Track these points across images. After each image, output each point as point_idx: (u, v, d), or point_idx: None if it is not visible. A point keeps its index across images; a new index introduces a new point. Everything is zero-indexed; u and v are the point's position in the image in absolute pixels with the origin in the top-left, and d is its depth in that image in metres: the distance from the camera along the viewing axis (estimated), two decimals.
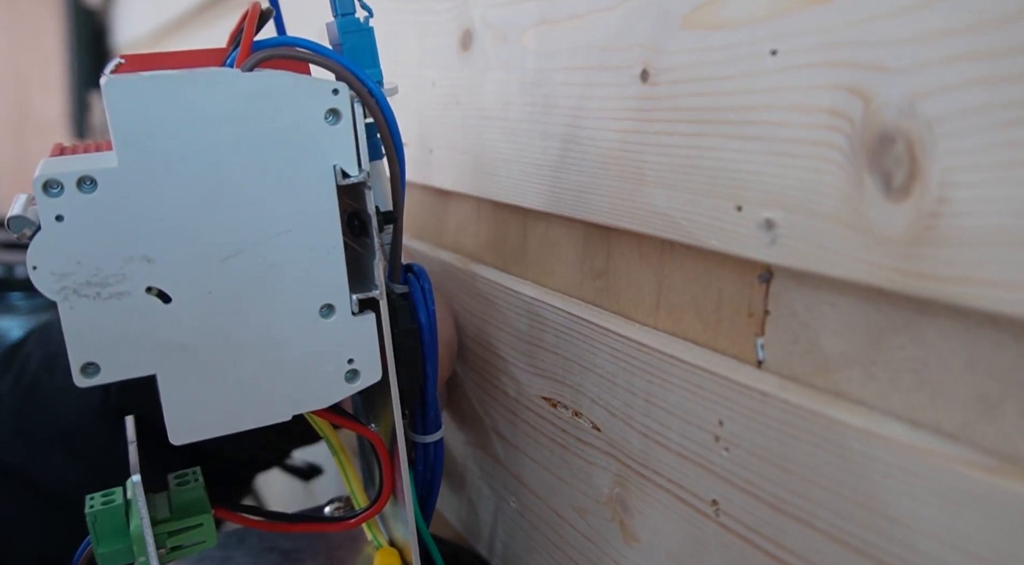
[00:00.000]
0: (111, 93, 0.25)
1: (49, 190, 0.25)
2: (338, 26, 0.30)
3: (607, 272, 0.32)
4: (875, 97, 0.20)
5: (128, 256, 0.26)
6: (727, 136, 0.24)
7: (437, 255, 0.44)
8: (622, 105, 0.29)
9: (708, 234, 0.25)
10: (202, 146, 0.26)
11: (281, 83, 0.27)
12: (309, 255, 0.28)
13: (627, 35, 0.28)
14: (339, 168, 0.28)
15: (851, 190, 0.20)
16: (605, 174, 0.30)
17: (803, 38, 0.22)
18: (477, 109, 0.39)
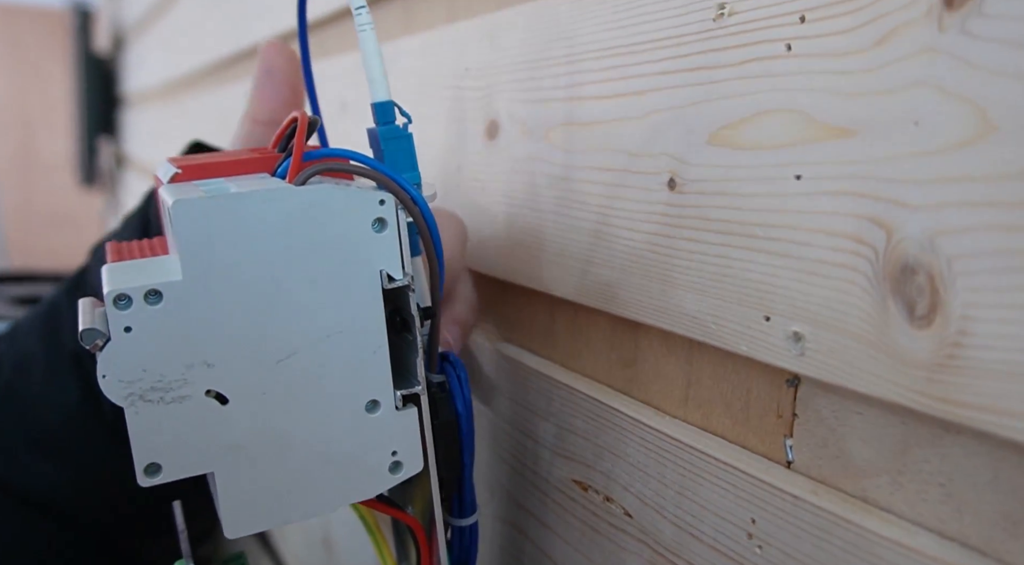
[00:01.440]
0: (179, 214, 0.27)
1: (119, 303, 0.27)
2: (380, 134, 0.32)
3: (635, 362, 0.33)
4: (897, 230, 0.21)
5: (189, 362, 0.28)
6: (754, 249, 0.26)
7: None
8: (650, 209, 0.31)
9: (738, 340, 0.27)
10: (259, 258, 0.28)
11: (332, 196, 0.29)
12: (356, 355, 0.30)
13: (654, 144, 0.30)
14: (385, 273, 0.30)
15: (876, 313, 0.22)
16: (633, 272, 0.32)
17: (827, 167, 0.23)
18: (504, 196, 0.40)
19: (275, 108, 0.38)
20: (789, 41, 0.25)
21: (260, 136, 0.38)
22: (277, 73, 0.38)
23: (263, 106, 0.38)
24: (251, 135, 0.38)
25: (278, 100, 0.38)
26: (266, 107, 0.38)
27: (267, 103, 0.38)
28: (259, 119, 0.38)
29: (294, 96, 0.38)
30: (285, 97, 0.38)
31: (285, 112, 0.37)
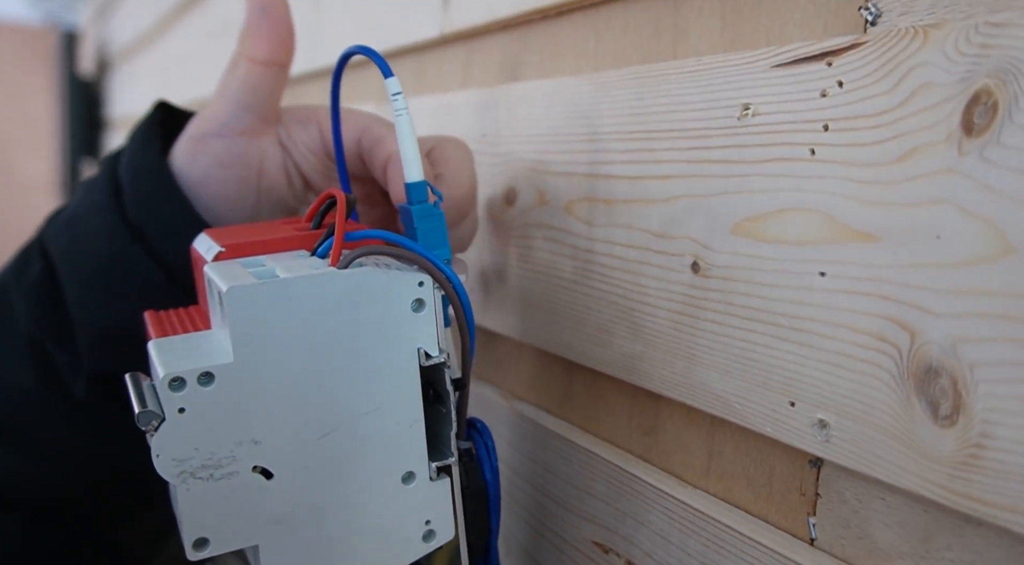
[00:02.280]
0: (233, 300, 0.28)
1: (173, 385, 0.28)
2: (414, 213, 0.34)
3: (656, 431, 0.35)
4: (920, 333, 0.23)
5: (238, 440, 0.29)
6: (779, 337, 0.28)
7: (477, 388, 0.47)
8: (673, 288, 0.32)
9: (763, 422, 0.28)
10: (306, 338, 0.29)
11: (374, 279, 0.30)
12: (394, 429, 0.31)
13: (678, 227, 0.32)
14: (422, 351, 0.31)
15: (901, 409, 0.24)
16: (657, 347, 0.33)
17: (851, 267, 0.25)
18: (521, 261, 0.42)
19: (272, 48, 0.36)
20: (813, 146, 0.26)
21: (259, 77, 0.37)
22: (272, 10, 0.36)
23: (260, 45, 0.36)
24: (250, 75, 0.37)
25: (275, 39, 0.37)
26: (263, 46, 0.36)
27: (264, 42, 0.36)
28: (257, 58, 0.36)
29: (289, 34, 0.37)
30: (282, 36, 0.37)
31: (283, 52, 0.37)
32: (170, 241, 0.36)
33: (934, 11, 0.24)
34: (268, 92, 0.37)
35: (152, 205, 0.37)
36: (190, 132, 0.38)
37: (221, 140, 0.37)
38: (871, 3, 0.26)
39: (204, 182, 0.37)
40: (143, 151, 0.38)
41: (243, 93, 0.37)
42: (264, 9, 0.36)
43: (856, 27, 0.26)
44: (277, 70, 0.37)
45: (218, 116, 0.37)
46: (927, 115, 0.23)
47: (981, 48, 0.22)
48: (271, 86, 0.37)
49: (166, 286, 0.36)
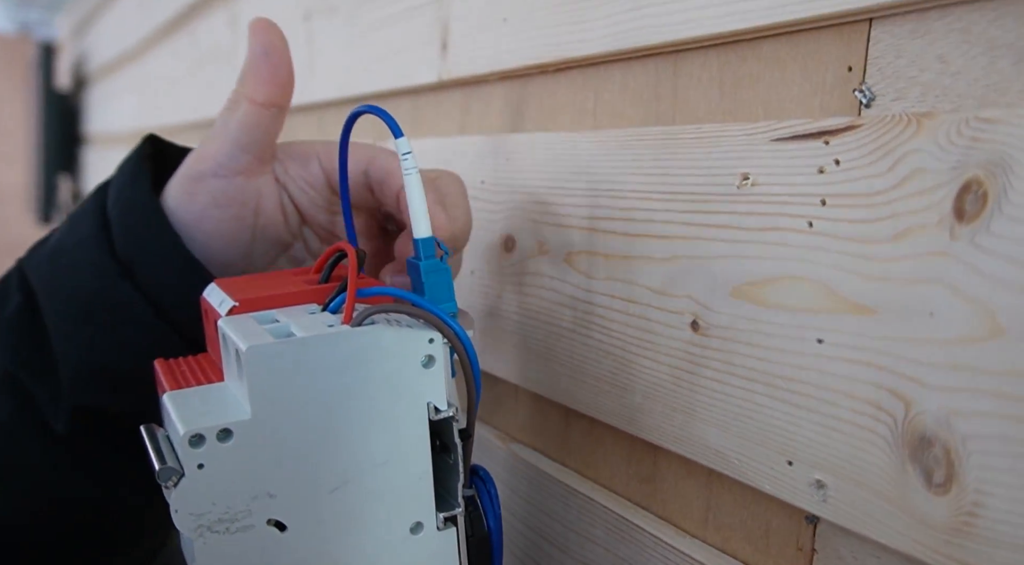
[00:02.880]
0: (252, 358, 0.29)
1: (193, 441, 0.29)
2: (422, 268, 0.35)
3: (654, 479, 0.36)
4: (914, 404, 0.24)
5: (254, 494, 0.30)
6: (777, 398, 0.29)
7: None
8: (673, 345, 0.33)
9: (761, 479, 0.29)
10: (320, 394, 0.30)
11: (387, 337, 0.31)
12: (403, 481, 0.32)
13: (678, 286, 0.33)
14: (432, 405, 0.32)
15: (896, 475, 0.25)
16: (656, 399, 0.34)
17: (847, 337, 0.26)
18: (520, 307, 0.43)
19: (273, 90, 0.37)
20: (811, 219, 0.28)
21: (258, 117, 0.37)
22: (274, 53, 0.36)
23: (261, 87, 0.37)
24: (249, 116, 0.37)
25: (276, 82, 0.37)
26: (264, 89, 0.37)
27: (265, 85, 0.37)
28: (257, 100, 0.37)
29: (289, 77, 0.37)
30: (282, 79, 0.37)
31: (283, 94, 0.37)
32: (159, 277, 0.36)
33: (925, 99, 0.25)
34: (266, 133, 0.37)
35: (142, 241, 0.36)
36: (185, 171, 0.38)
37: (218, 180, 0.37)
38: (865, 86, 0.27)
39: (200, 221, 0.38)
40: (132, 186, 0.38)
41: (242, 133, 0.37)
42: (267, 52, 0.36)
43: (850, 107, 0.28)
44: (276, 111, 0.37)
45: (215, 156, 0.37)
46: (920, 199, 0.24)
47: (972, 141, 0.23)
48: (269, 127, 0.37)
49: (154, 321, 0.36)
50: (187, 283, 0.36)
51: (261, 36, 0.37)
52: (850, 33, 0.28)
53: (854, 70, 0.28)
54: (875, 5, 0.26)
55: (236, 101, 0.37)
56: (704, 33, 0.32)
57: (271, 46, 0.36)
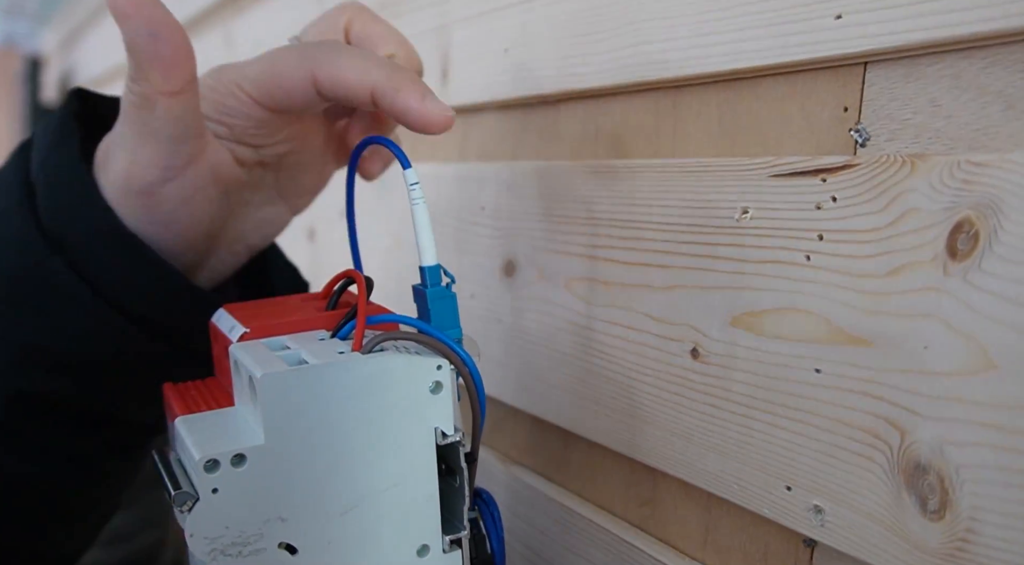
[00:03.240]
0: (266, 386, 0.29)
1: (207, 466, 0.29)
2: (428, 295, 0.35)
3: (653, 502, 0.37)
4: (909, 433, 0.25)
5: (266, 518, 0.30)
6: (776, 425, 0.30)
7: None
8: (673, 371, 0.34)
9: (760, 503, 0.30)
10: (331, 420, 0.31)
11: (396, 364, 0.32)
12: (411, 505, 0.33)
13: (677, 314, 0.34)
14: (439, 430, 0.33)
15: (892, 501, 0.26)
16: (656, 425, 0.35)
17: (845, 368, 0.28)
18: (520, 331, 0.44)
19: (183, 72, 0.31)
20: (808, 253, 0.29)
21: (181, 107, 0.32)
22: (163, 30, 0.30)
23: (171, 75, 0.31)
24: (171, 110, 0.32)
25: (182, 62, 0.31)
26: (175, 75, 0.31)
27: (174, 69, 0.31)
28: (174, 90, 0.31)
29: (190, 48, 0.32)
30: (185, 53, 0.31)
31: (191, 69, 0.31)
32: (94, 252, 0.33)
33: (918, 141, 0.27)
34: (194, 114, 0.33)
35: (72, 214, 0.33)
36: (127, 186, 0.33)
37: (172, 183, 0.34)
38: (860, 126, 0.28)
39: (170, 223, 0.35)
40: (59, 150, 0.34)
41: (172, 129, 0.32)
42: (154, 33, 0.30)
43: (846, 145, 0.29)
44: (194, 89, 0.33)
45: (156, 162, 0.33)
46: (914, 236, 0.26)
47: (963, 183, 0.24)
48: (194, 107, 0.33)
49: (91, 301, 0.33)
50: (126, 261, 0.33)
51: (136, 16, 0.30)
52: (846, 75, 0.29)
53: (850, 110, 0.29)
54: (869, 50, 0.27)
55: (147, 99, 0.31)
56: (703, 71, 0.33)
57: (155, 23, 0.30)
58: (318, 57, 0.33)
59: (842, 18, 0.28)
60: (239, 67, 0.34)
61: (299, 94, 0.33)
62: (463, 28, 0.49)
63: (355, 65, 0.33)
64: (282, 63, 0.33)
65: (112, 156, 0.34)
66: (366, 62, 0.33)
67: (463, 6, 0.49)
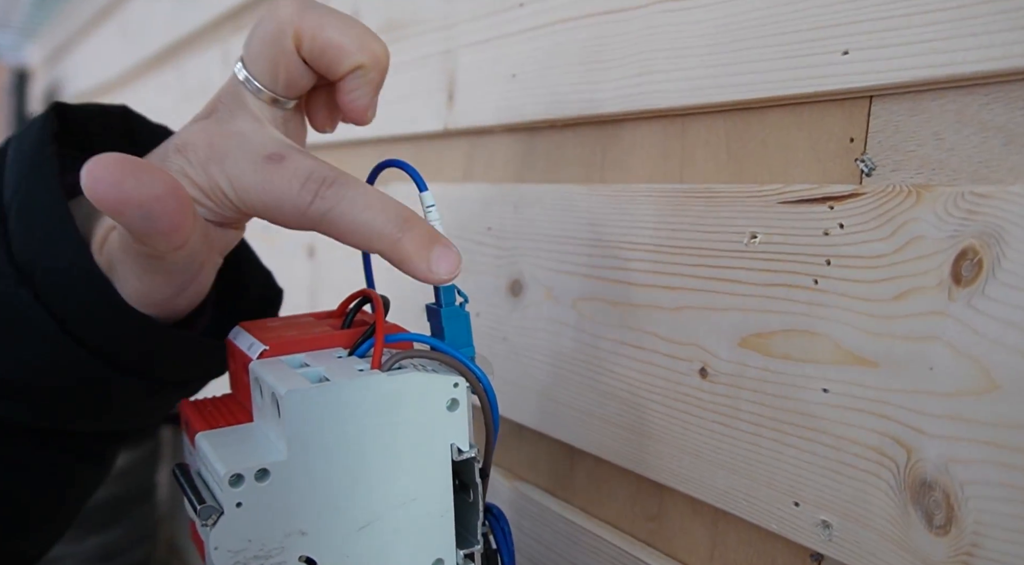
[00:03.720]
0: (290, 403, 0.30)
1: (232, 480, 0.30)
2: (443, 314, 0.36)
3: (659, 517, 0.38)
4: (915, 451, 0.27)
5: (288, 531, 0.31)
6: (784, 443, 0.31)
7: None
8: (681, 390, 0.35)
9: (768, 519, 0.31)
10: (352, 436, 0.32)
11: (415, 381, 0.33)
12: (427, 519, 0.33)
13: (685, 334, 0.35)
14: (455, 446, 0.34)
15: (899, 516, 0.27)
16: (663, 442, 0.36)
17: (852, 387, 0.29)
18: (526, 349, 0.45)
19: (187, 229, 0.29)
20: (816, 277, 0.30)
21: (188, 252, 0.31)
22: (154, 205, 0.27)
23: (174, 238, 0.29)
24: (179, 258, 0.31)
25: (186, 221, 0.29)
26: (180, 235, 0.29)
27: (178, 232, 0.29)
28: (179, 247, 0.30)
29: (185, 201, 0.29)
30: (182, 209, 0.29)
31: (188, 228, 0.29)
32: (63, 288, 0.32)
33: (922, 171, 0.28)
34: (199, 245, 0.32)
35: (45, 248, 0.32)
36: (147, 303, 0.33)
37: (187, 289, 0.34)
38: (866, 156, 0.30)
39: (190, 306, 0.36)
40: (36, 178, 0.32)
41: (183, 265, 0.32)
42: (147, 215, 0.28)
43: (852, 174, 0.30)
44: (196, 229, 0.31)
45: (170, 284, 0.33)
46: (920, 263, 0.27)
47: (967, 213, 0.26)
48: (198, 240, 0.32)
49: (57, 335, 0.32)
50: (96, 303, 0.32)
51: (126, 207, 0.27)
52: (852, 108, 0.30)
53: (856, 141, 0.30)
54: (874, 86, 0.29)
55: (154, 256, 0.31)
56: (711, 101, 0.35)
57: (144, 204, 0.27)
58: (319, 212, 0.31)
59: (849, 54, 0.29)
60: (228, 171, 0.31)
61: (291, 223, 0.32)
62: (470, 53, 0.50)
63: (359, 231, 0.31)
64: (280, 202, 0.31)
65: (122, 276, 0.32)
66: (370, 228, 0.31)
67: (470, 32, 0.50)
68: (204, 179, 0.32)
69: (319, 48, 0.33)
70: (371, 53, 0.34)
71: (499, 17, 0.48)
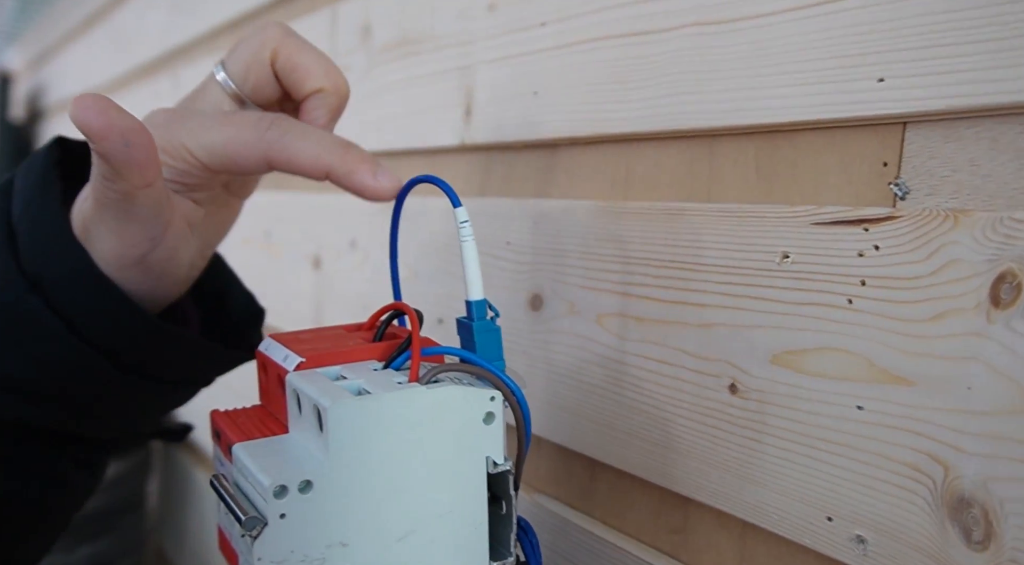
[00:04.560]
0: (335, 416, 0.31)
1: (277, 492, 0.30)
2: (475, 328, 0.37)
3: (684, 530, 0.39)
4: (953, 468, 0.27)
5: (329, 542, 0.31)
6: (817, 459, 0.32)
7: None
8: (710, 405, 0.36)
9: (800, 533, 0.32)
10: (392, 448, 0.32)
11: (454, 395, 0.33)
12: (462, 531, 0.34)
13: (715, 350, 0.36)
14: (490, 459, 0.34)
15: (936, 532, 0.28)
16: (691, 456, 0.37)
17: (887, 405, 0.29)
18: (547, 363, 0.45)
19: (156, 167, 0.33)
20: (851, 297, 0.31)
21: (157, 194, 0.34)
22: (133, 136, 0.31)
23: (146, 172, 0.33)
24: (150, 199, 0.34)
25: (156, 160, 0.33)
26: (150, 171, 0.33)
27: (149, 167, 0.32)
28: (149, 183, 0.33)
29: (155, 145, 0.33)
30: (154, 149, 0.33)
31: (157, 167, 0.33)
32: (70, 292, 0.35)
33: (957, 196, 0.29)
34: (164, 192, 0.35)
35: (51, 257, 0.35)
36: (122, 262, 0.36)
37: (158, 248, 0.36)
38: (900, 180, 0.31)
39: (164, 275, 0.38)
40: (42, 198, 0.36)
41: (150, 210, 0.35)
42: (128, 143, 0.31)
43: (885, 197, 0.31)
44: (161, 174, 0.34)
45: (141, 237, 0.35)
46: (958, 285, 0.28)
47: (1006, 237, 0.26)
48: (163, 186, 0.35)
49: (65, 335, 0.35)
50: (98, 301, 0.35)
51: (109, 133, 0.31)
52: (885, 133, 0.31)
53: (889, 165, 0.31)
54: (908, 113, 0.30)
55: (126, 195, 0.33)
56: (741, 123, 0.36)
57: (127, 133, 0.31)
58: (272, 139, 0.35)
59: (884, 81, 0.30)
60: (189, 128, 0.35)
61: (250, 168, 0.35)
62: (489, 69, 0.51)
63: (309, 149, 0.35)
64: (236, 140, 0.35)
65: (96, 237, 0.35)
66: (319, 146, 0.35)
67: (489, 49, 0.51)
68: (166, 139, 0.35)
69: (290, 66, 0.38)
70: (333, 81, 0.39)
71: (519, 35, 0.48)
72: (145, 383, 0.38)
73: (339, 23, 0.70)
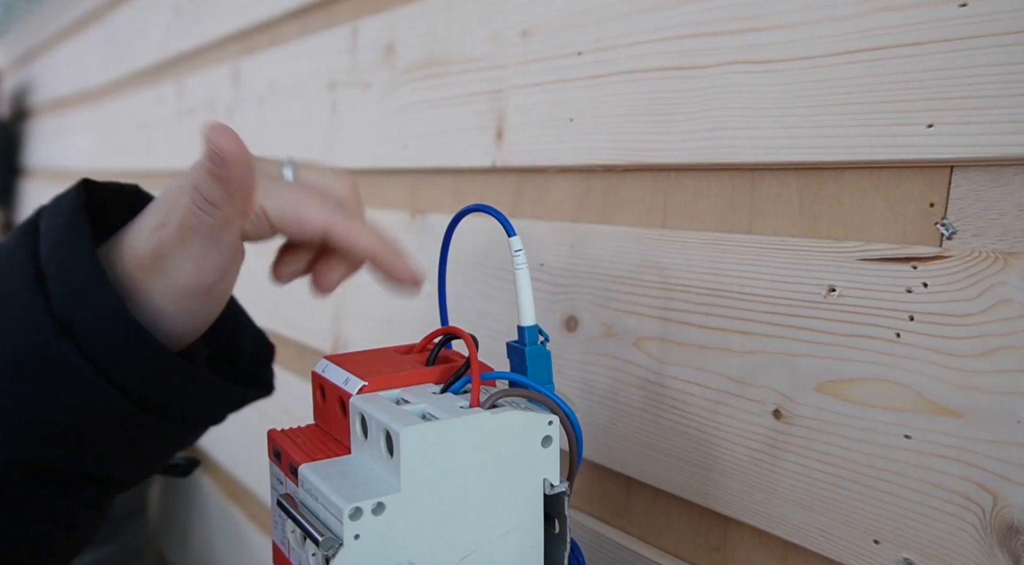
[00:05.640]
0: (408, 440, 0.32)
1: (352, 514, 0.31)
2: (527, 353, 0.38)
3: (724, 548, 0.40)
4: (1002, 497, 0.29)
5: (398, 562, 0.32)
6: (863, 484, 0.33)
7: None
8: (753, 430, 0.38)
9: (846, 555, 0.34)
10: (457, 470, 0.33)
11: (516, 419, 0.34)
12: (520, 550, 0.35)
13: (759, 377, 0.37)
14: (547, 481, 0.35)
15: (984, 557, 0.29)
16: (734, 478, 0.38)
17: (935, 435, 0.31)
18: (582, 384, 0.47)
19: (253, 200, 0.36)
20: (899, 330, 0.33)
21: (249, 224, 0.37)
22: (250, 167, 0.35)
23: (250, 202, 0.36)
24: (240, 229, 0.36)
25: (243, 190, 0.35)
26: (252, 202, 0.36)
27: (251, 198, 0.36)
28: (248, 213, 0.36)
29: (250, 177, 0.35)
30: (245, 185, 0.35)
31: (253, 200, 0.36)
32: (102, 336, 0.35)
33: (1004, 238, 0.31)
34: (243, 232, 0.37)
35: (83, 302, 0.36)
36: (191, 291, 0.37)
37: (223, 281, 0.38)
38: (947, 221, 0.32)
39: (212, 312, 0.39)
40: (73, 241, 0.36)
41: (237, 240, 0.37)
42: (248, 172, 0.35)
43: (931, 236, 0.33)
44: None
45: (218, 266, 0.37)
46: (1008, 324, 0.29)
47: None
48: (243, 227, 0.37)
49: (95, 380, 0.36)
50: (130, 346, 0.36)
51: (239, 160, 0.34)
52: (932, 175, 0.33)
53: (936, 206, 0.33)
54: (955, 158, 0.31)
55: (228, 220, 0.36)
56: (784, 160, 0.37)
57: (249, 164, 0.35)
58: (336, 219, 0.38)
59: (933, 127, 0.32)
60: (264, 186, 0.37)
61: (308, 236, 0.38)
62: (522, 94, 0.52)
63: (367, 236, 0.38)
64: (305, 210, 0.37)
65: (173, 265, 0.37)
66: (375, 235, 0.38)
67: (522, 74, 0.52)
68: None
69: (336, 244, 0.39)
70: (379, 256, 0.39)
71: (555, 63, 0.50)
72: (166, 424, 0.39)
73: (360, 39, 0.71)
